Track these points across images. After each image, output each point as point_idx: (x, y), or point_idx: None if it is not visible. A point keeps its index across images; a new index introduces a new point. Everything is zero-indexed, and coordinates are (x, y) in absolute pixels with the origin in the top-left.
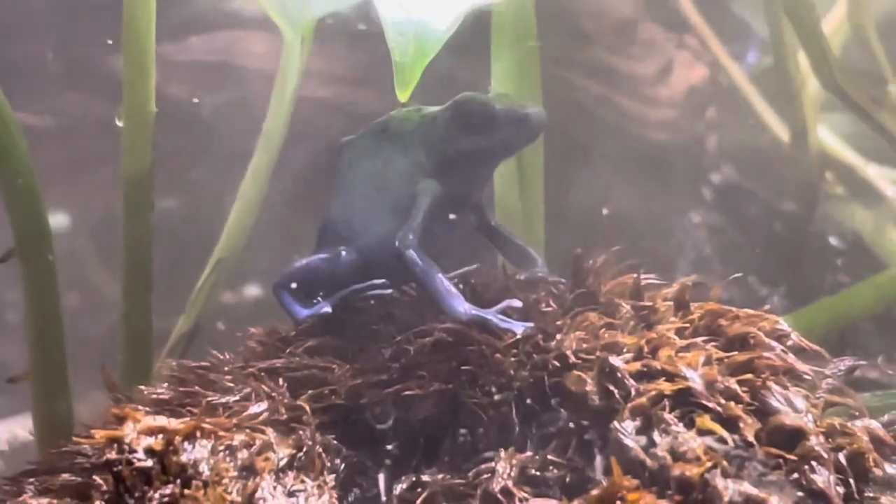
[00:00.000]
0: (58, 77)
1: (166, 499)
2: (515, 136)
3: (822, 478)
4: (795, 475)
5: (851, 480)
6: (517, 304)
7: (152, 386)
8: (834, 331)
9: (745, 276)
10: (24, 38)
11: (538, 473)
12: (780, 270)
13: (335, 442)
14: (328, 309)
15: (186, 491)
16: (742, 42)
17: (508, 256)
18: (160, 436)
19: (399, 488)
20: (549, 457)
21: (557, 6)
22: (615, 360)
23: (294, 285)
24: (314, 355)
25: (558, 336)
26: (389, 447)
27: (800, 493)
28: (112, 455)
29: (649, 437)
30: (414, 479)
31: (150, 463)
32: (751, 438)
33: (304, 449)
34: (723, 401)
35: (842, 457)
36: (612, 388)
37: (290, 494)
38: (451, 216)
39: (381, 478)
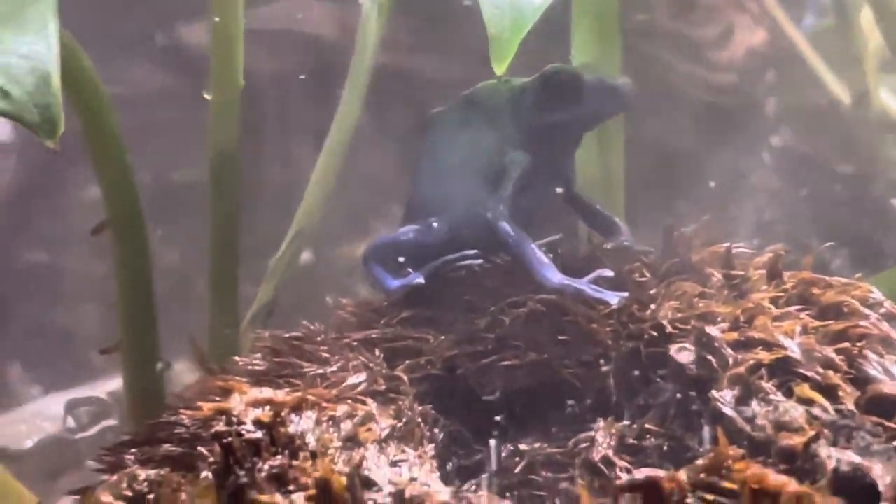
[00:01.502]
0: (123, 47)
1: (275, 470)
2: (604, 106)
3: None
4: None
5: None
6: (608, 273)
7: (247, 357)
8: None
9: (806, 240)
10: (90, 8)
11: (636, 442)
12: (840, 234)
13: (433, 412)
14: (421, 280)
15: (294, 462)
16: (800, 3)
17: (594, 226)
18: (268, 407)
19: (497, 457)
20: (647, 425)
21: None
22: (712, 330)
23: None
24: (408, 326)
25: (653, 306)
26: (486, 417)
27: None
28: (221, 427)
29: (749, 405)
30: (512, 447)
31: (259, 434)
32: (851, 407)
33: (404, 419)
34: (821, 369)
35: None
36: (709, 357)
37: (393, 464)
38: (539, 187)
39: (479, 447)
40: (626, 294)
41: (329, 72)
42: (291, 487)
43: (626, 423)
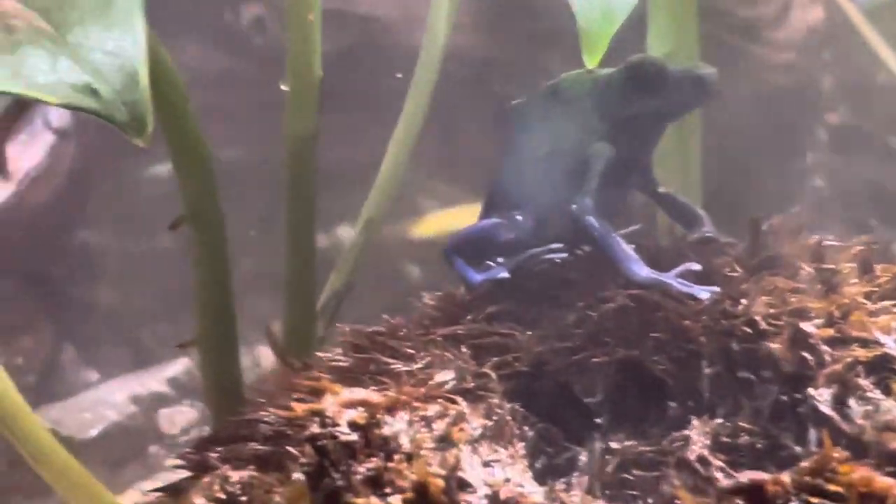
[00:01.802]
0: (181, 28)
1: (371, 473)
2: (689, 97)
3: None
4: None
5: None
6: (696, 267)
7: (329, 351)
8: None
9: (865, 219)
10: None
11: (730, 441)
12: None
13: (522, 409)
14: (506, 274)
15: (390, 464)
16: None
17: (674, 216)
18: (362, 409)
19: (588, 455)
20: (741, 423)
21: None
22: (807, 326)
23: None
24: (494, 321)
25: (744, 301)
26: (576, 414)
27: None
28: (315, 429)
29: (847, 404)
30: (603, 446)
31: (354, 437)
32: None
33: (495, 418)
34: None
35: None
36: (805, 354)
37: (486, 465)
38: (621, 178)
39: (569, 445)
40: (716, 289)
41: (384, 52)
42: (387, 490)
43: (719, 421)
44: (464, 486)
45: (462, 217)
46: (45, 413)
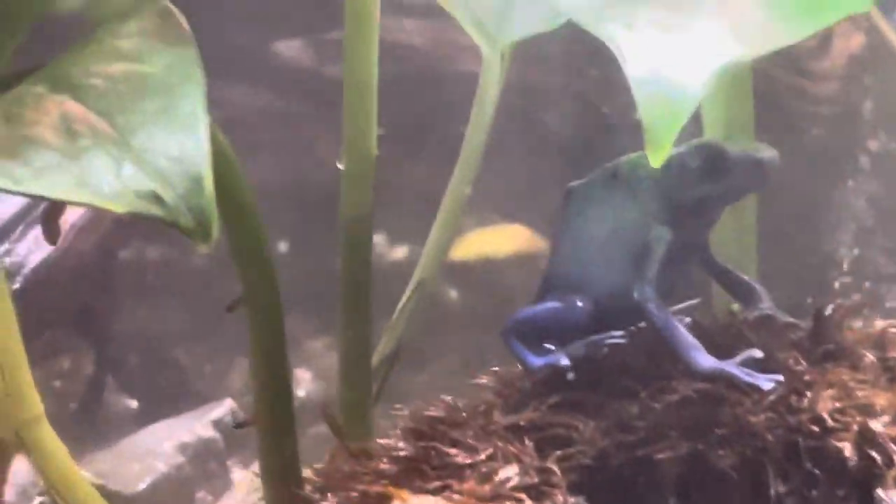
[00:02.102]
0: (221, 67)
1: None
2: (750, 181)
3: None
4: None
5: None
6: (758, 354)
7: (390, 440)
8: None
9: None
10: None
11: None
12: None
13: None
14: (566, 361)
15: None
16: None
17: (731, 291)
18: None
19: None
20: None
21: None
22: (875, 424)
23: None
24: (556, 411)
25: (808, 394)
26: None
27: None
28: None
29: None
30: None
31: None
32: None
33: None
34: None
35: None
36: (872, 453)
37: None
38: (680, 259)
39: None
40: (779, 377)
41: (423, 82)
42: None
43: None
44: None
45: (501, 238)
46: (90, 465)
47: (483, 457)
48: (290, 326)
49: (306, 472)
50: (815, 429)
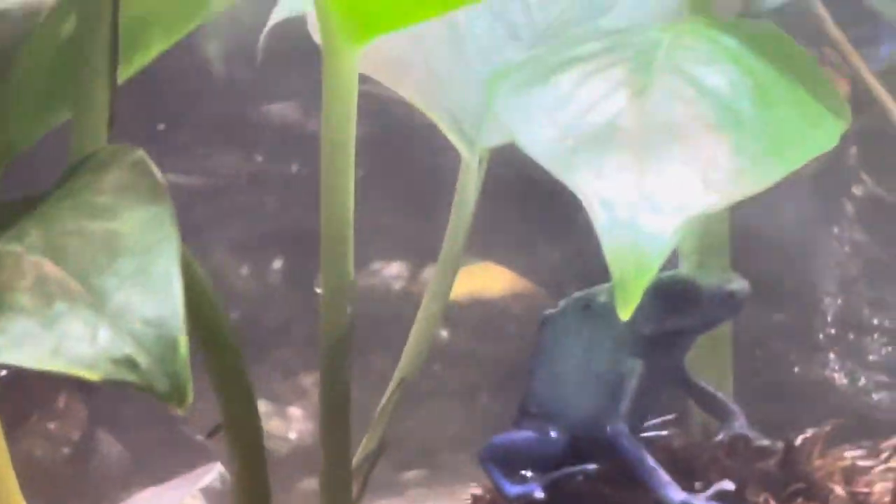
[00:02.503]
0: (207, 134)
1: None
2: (721, 312)
3: None
4: None
5: None
6: (729, 486)
7: None
8: None
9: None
10: (173, 96)
11: None
12: None
13: None
14: (540, 494)
15: None
16: (874, 38)
17: (707, 410)
18: None
19: None
20: None
21: None
22: None
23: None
24: None
25: None
26: None
27: None
28: None
29: None
30: None
31: None
32: None
33: None
34: None
35: None
36: None
37: None
38: (653, 387)
39: None
40: None
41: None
42: None
43: None
44: None
45: (488, 275)
46: None
47: None
48: (285, 360)
49: None
50: None
